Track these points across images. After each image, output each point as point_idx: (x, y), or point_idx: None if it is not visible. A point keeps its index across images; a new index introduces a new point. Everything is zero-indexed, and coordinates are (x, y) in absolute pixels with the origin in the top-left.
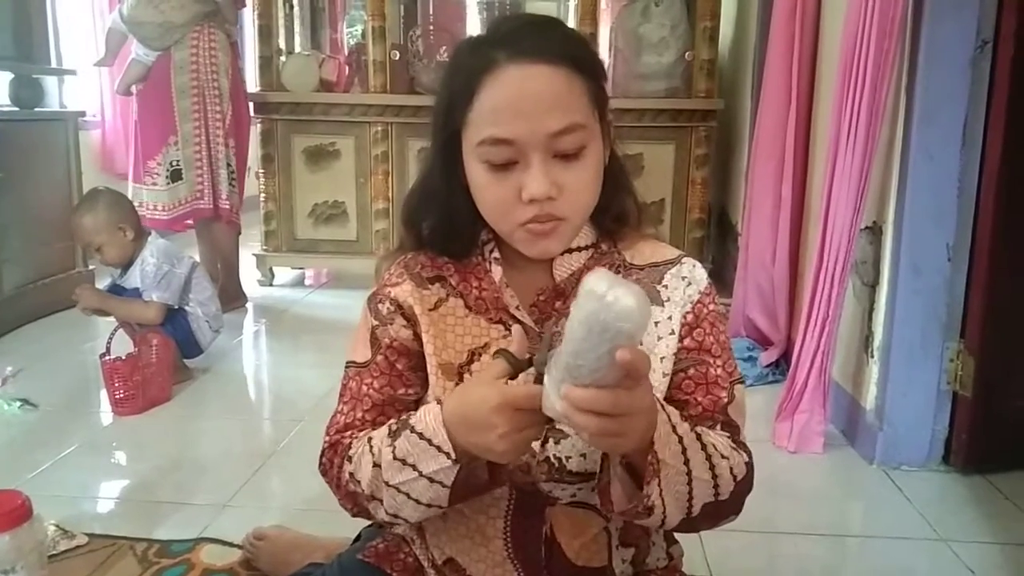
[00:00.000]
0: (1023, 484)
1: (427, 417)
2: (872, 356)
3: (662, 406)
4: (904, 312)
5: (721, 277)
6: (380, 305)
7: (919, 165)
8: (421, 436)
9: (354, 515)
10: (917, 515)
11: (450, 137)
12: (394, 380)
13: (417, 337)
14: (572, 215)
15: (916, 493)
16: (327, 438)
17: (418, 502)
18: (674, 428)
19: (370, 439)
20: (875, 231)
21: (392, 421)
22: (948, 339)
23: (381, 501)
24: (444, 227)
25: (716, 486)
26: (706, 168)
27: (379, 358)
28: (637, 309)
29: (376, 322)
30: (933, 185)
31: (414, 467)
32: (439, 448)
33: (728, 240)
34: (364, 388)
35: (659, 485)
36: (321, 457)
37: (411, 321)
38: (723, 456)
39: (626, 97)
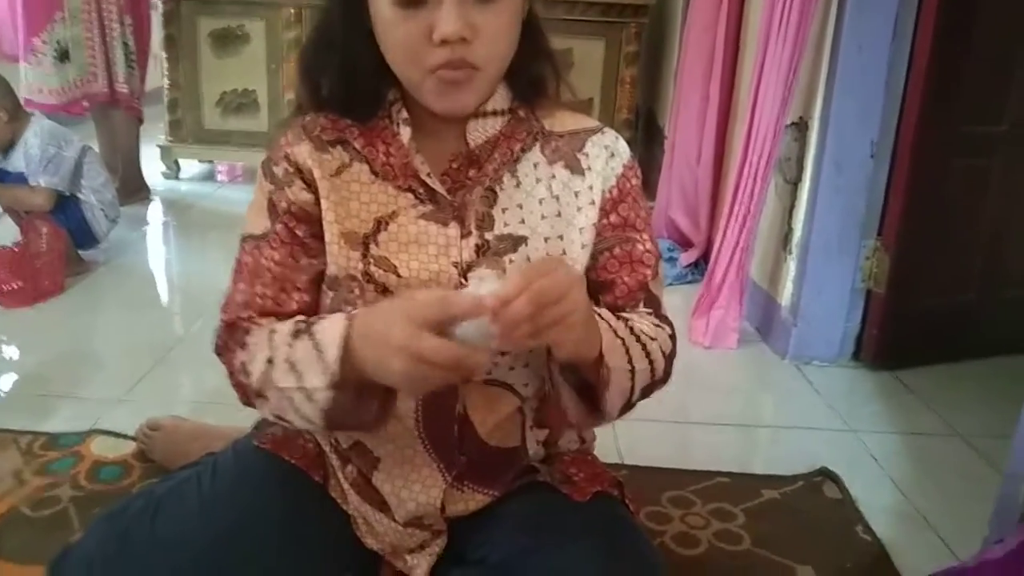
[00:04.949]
0: (927, 379)
1: (330, 328)
2: (790, 253)
3: (597, 313)
4: (824, 209)
5: (646, 181)
6: (275, 168)
7: (849, 57)
8: (316, 346)
9: (244, 404)
10: (826, 407)
11: None
12: (295, 250)
13: (318, 202)
14: (486, 63)
15: (826, 387)
16: (224, 316)
17: (298, 412)
18: (615, 332)
19: (272, 332)
20: (801, 127)
21: (299, 319)
22: (865, 237)
23: (268, 399)
24: (345, 81)
25: (652, 370)
26: (636, 67)
27: (279, 226)
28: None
29: (272, 186)
30: (861, 79)
31: (299, 376)
32: (325, 366)
33: (655, 144)
34: (264, 261)
35: (609, 391)
36: (216, 339)
37: (310, 185)
38: (652, 338)
39: None
